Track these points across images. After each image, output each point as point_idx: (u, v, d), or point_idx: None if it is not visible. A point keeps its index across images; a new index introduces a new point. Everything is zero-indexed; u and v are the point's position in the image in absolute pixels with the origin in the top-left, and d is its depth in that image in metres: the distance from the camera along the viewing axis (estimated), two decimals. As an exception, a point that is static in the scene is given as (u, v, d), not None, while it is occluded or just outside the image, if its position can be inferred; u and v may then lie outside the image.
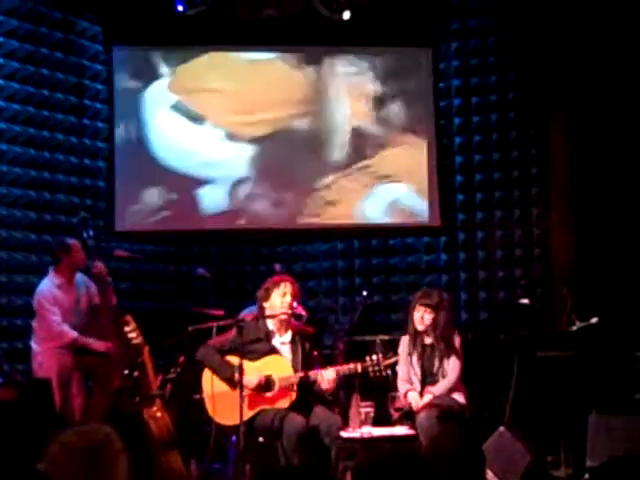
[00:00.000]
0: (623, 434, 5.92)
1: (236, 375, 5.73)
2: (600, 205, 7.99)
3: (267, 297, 6.16)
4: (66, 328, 6.71)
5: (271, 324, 6.18)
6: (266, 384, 5.97)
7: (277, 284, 6.17)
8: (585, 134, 8.11)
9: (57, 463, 2.75)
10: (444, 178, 8.81)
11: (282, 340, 6.17)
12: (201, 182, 8.80)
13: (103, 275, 6.93)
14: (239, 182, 8.87)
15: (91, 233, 7.00)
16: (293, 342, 6.17)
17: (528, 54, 8.45)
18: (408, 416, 6.22)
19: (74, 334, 6.71)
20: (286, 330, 6.19)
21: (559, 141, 8.27)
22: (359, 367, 5.98)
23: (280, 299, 6.10)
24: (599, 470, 2.21)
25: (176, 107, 8.78)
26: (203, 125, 8.82)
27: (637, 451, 5.52)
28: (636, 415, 6.09)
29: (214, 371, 6.05)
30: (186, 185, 8.76)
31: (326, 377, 5.91)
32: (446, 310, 6.50)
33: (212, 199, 8.81)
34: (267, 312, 6.14)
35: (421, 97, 8.91)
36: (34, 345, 6.84)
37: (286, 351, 6.15)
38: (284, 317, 6.11)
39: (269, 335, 6.15)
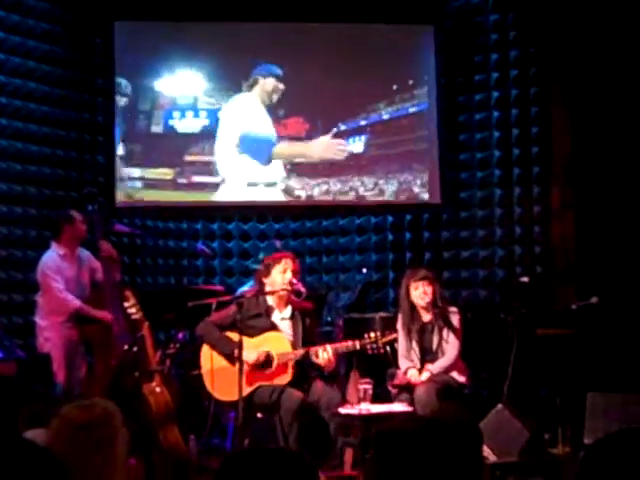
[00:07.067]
0: (621, 412, 5.93)
1: (236, 351, 5.76)
2: (601, 184, 7.96)
3: (267, 273, 6.18)
4: (70, 296, 6.68)
5: (271, 300, 6.20)
6: (265, 360, 5.99)
7: (278, 260, 6.19)
8: (587, 113, 8.07)
9: (58, 437, 2.77)
10: (445, 156, 8.79)
11: (282, 316, 6.20)
12: (201, 159, 8.80)
13: (113, 255, 6.90)
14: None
15: (96, 207, 6.99)
16: (293, 318, 6.19)
17: (531, 32, 8.40)
18: (407, 390, 6.24)
19: (77, 302, 6.67)
20: (285, 306, 6.21)
21: (561, 120, 8.24)
22: (357, 344, 6.00)
23: (281, 275, 6.11)
24: (593, 447, 2.21)
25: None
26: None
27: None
28: (634, 393, 6.10)
29: (214, 346, 6.07)
30: (186, 161, 8.75)
31: (324, 355, 5.93)
32: (438, 283, 6.61)
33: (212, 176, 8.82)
34: (267, 288, 6.16)
35: (422, 75, 8.87)
36: (39, 320, 6.77)
37: (286, 327, 6.17)
38: (283, 293, 6.13)
39: (269, 311, 6.17)
